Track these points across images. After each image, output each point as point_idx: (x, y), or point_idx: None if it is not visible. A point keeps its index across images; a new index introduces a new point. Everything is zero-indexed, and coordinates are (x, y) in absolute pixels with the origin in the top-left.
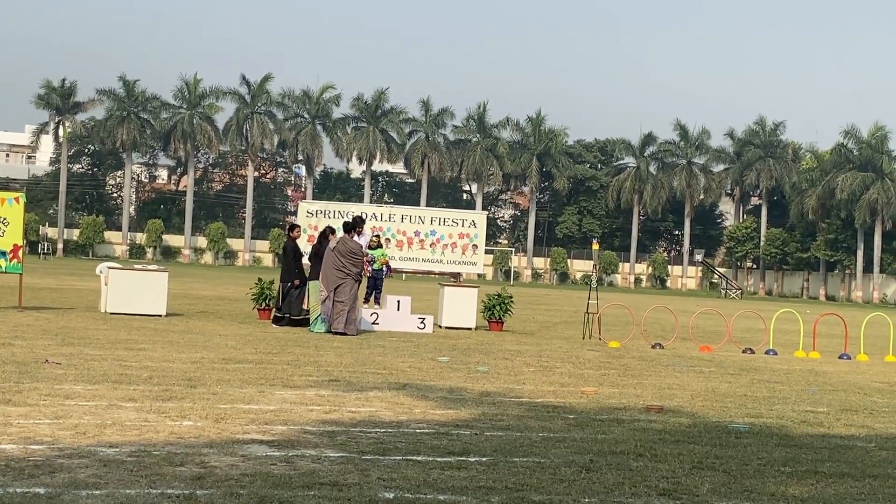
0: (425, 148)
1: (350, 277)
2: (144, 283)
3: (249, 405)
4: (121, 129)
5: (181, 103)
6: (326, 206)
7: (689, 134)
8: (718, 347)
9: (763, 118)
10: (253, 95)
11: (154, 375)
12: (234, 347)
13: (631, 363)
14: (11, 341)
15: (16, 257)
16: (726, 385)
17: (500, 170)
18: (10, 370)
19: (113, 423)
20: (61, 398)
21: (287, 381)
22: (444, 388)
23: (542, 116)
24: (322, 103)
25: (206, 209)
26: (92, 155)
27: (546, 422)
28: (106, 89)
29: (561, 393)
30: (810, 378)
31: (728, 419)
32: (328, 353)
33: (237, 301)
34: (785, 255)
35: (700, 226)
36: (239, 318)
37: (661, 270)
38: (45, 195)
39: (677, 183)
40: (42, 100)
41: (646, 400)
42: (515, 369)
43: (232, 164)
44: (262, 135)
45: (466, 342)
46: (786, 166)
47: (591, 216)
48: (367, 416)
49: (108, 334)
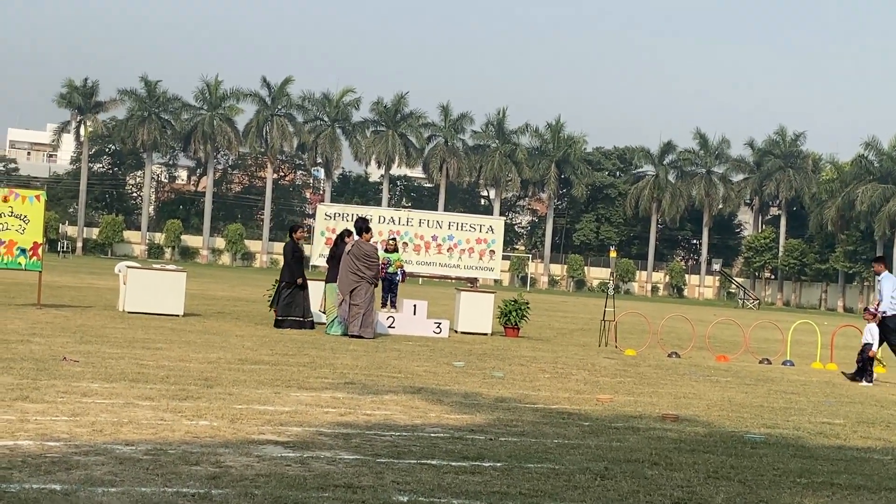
0: (444, 153)
1: (365, 281)
2: (162, 283)
3: (265, 406)
4: (142, 129)
5: (202, 104)
6: (344, 209)
7: (709, 143)
8: (735, 357)
9: (783, 128)
10: (273, 98)
11: (171, 375)
12: (250, 348)
13: (647, 371)
14: (30, 338)
15: (35, 255)
16: (742, 395)
17: (519, 176)
18: (29, 367)
19: (129, 421)
20: (78, 396)
21: (303, 382)
22: (460, 393)
23: (562, 123)
24: (342, 107)
25: (224, 210)
26: (112, 154)
27: (561, 428)
28: (127, 89)
29: (576, 400)
30: (827, 390)
31: (744, 429)
32: (344, 355)
33: (254, 302)
34: (803, 266)
35: (718, 235)
36: (255, 319)
37: (679, 279)
38: (65, 194)
39: (696, 192)
40: (64, 99)
41: (661, 408)
42: (531, 375)
43: (251, 165)
44: (281, 137)
45: (482, 347)
46: (805, 177)
47: (609, 224)
48: (382, 420)
49: (126, 333)
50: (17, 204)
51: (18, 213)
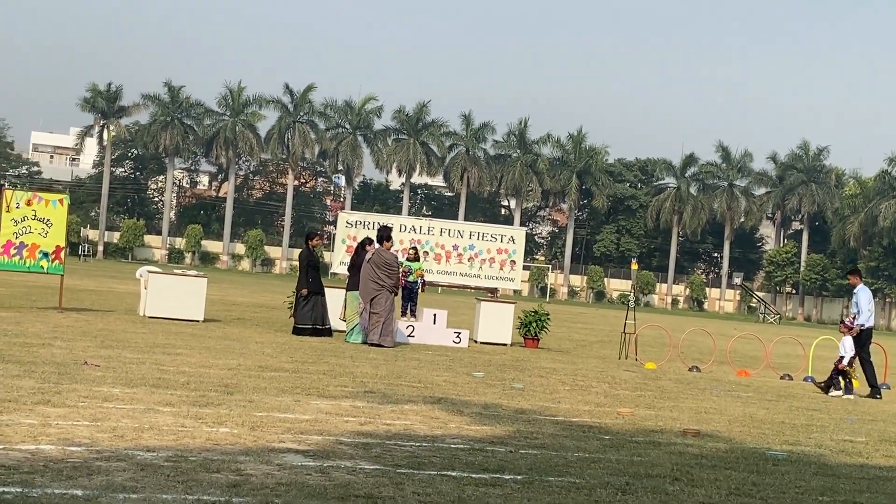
0: (465, 162)
1: (385, 289)
2: (183, 288)
3: (285, 414)
4: (164, 134)
5: (224, 110)
6: (366, 216)
7: (732, 156)
8: (756, 373)
9: (807, 142)
10: (296, 105)
11: (191, 381)
12: (270, 355)
13: (667, 385)
14: (51, 342)
15: (58, 258)
16: (764, 411)
17: (540, 186)
18: (50, 371)
19: (150, 427)
20: (100, 400)
21: (323, 390)
22: (479, 404)
23: (583, 134)
24: (364, 114)
25: (245, 216)
26: (135, 159)
27: (581, 441)
28: (151, 94)
29: (597, 413)
30: (849, 407)
31: (765, 446)
32: (364, 364)
33: (274, 309)
34: (825, 282)
35: (739, 249)
36: (275, 325)
37: (699, 292)
38: (87, 197)
39: (718, 205)
40: (88, 103)
41: (682, 423)
42: (551, 387)
43: (272, 172)
44: (303, 144)
45: (502, 358)
46: (828, 192)
47: (630, 235)
48: (402, 430)
49: (147, 338)
50: (41, 207)
51: (42, 216)
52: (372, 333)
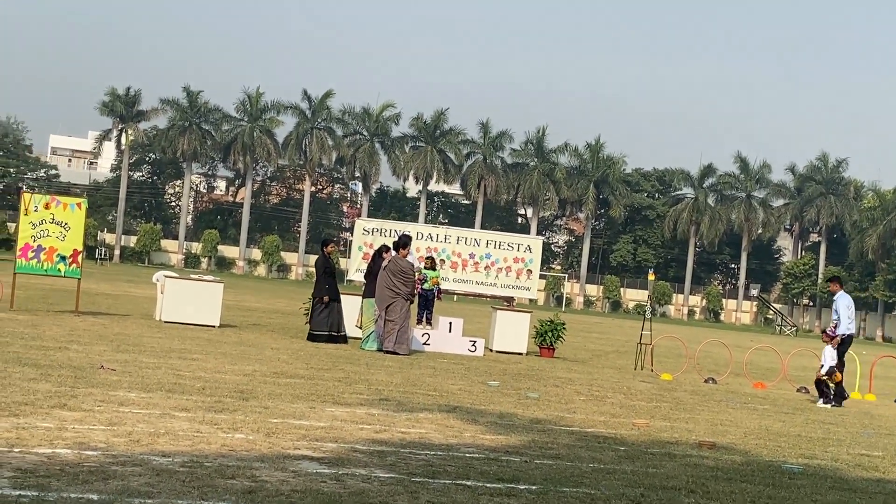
0: (482, 170)
1: (401, 297)
2: (199, 294)
3: (300, 421)
4: (182, 139)
5: (242, 116)
6: (383, 224)
7: (750, 167)
8: (773, 385)
9: (825, 154)
10: (313, 111)
11: (207, 386)
12: (285, 361)
13: (683, 397)
14: (67, 345)
15: (75, 262)
16: (780, 424)
17: (557, 195)
18: (66, 374)
19: (166, 432)
20: (115, 405)
21: (338, 398)
22: (495, 413)
23: (601, 143)
24: (381, 121)
25: (261, 222)
26: (152, 163)
27: (596, 452)
28: (169, 99)
29: (612, 423)
30: (865, 421)
31: (781, 459)
32: (379, 371)
33: (289, 315)
34: None
35: (757, 260)
36: (291, 332)
37: (716, 303)
38: (104, 201)
39: (735, 216)
40: (106, 107)
41: (698, 435)
42: (566, 397)
43: (289, 178)
44: (320, 150)
45: (517, 367)
46: (847, 204)
47: (647, 245)
48: (417, 438)
49: (163, 343)
50: (59, 211)
51: (60, 220)
52: (387, 341)
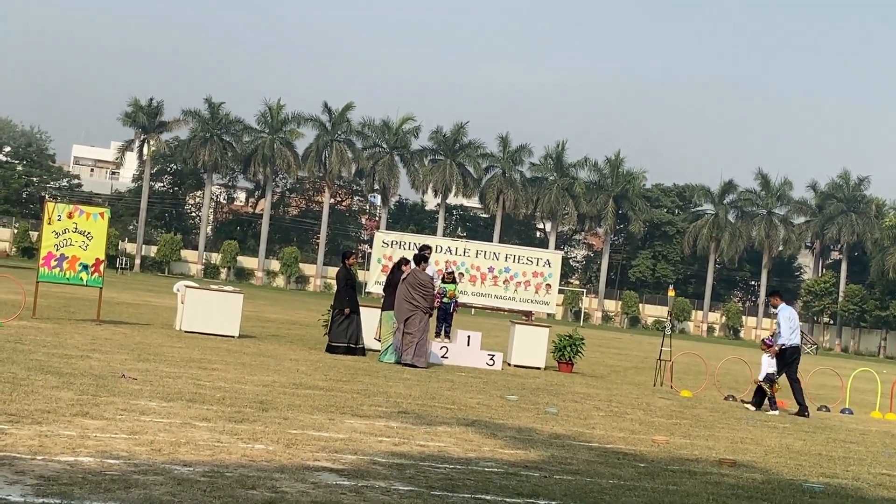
0: (501, 184)
1: (420, 310)
2: (219, 304)
3: (320, 432)
4: (203, 150)
5: (263, 127)
6: (402, 236)
7: (771, 184)
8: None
9: (847, 172)
10: (334, 123)
11: (227, 396)
12: (304, 373)
13: (703, 414)
14: (89, 354)
15: (97, 271)
16: (801, 442)
17: (576, 209)
18: (88, 383)
19: (187, 441)
20: (137, 414)
21: (357, 410)
22: (513, 428)
23: (621, 158)
24: (401, 134)
25: (280, 233)
26: (174, 174)
27: (616, 469)
28: (191, 110)
29: (631, 440)
30: (886, 440)
31: (802, 478)
32: (397, 384)
33: (308, 326)
34: (863, 313)
35: (777, 277)
36: (310, 343)
37: (735, 320)
38: (126, 211)
39: (756, 233)
40: (129, 117)
41: (718, 452)
42: (585, 413)
43: (309, 189)
44: (340, 162)
45: (535, 382)
46: (868, 222)
47: (666, 261)
48: (436, 451)
49: (183, 352)
50: (82, 220)
51: (82, 229)
52: (405, 353)
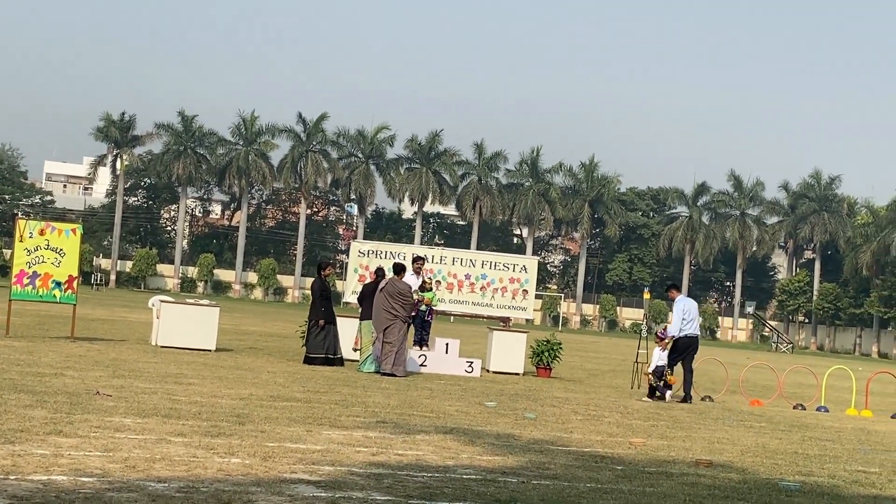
0: (477, 191)
1: (399, 319)
2: (195, 318)
3: (297, 444)
4: (177, 164)
5: (237, 139)
6: (378, 246)
7: (743, 185)
8: (769, 402)
9: (818, 171)
10: (308, 134)
11: (203, 411)
12: (282, 385)
13: (680, 415)
14: (63, 371)
15: (70, 288)
16: (777, 441)
17: (552, 215)
18: (62, 401)
19: (162, 457)
20: (111, 431)
21: (334, 421)
22: (492, 434)
23: (595, 163)
24: (376, 143)
25: (257, 245)
26: (148, 188)
27: (594, 472)
28: (164, 123)
29: (609, 443)
30: (862, 437)
31: (778, 476)
32: (376, 393)
33: (286, 338)
34: (838, 311)
35: (752, 278)
36: (287, 355)
37: (712, 321)
38: (100, 226)
39: (730, 234)
40: (101, 132)
41: (695, 453)
42: (563, 417)
43: (285, 200)
44: (315, 173)
45: (514, 388)
46: (840, 221)
47: (642, 264)
48: (413, 460)
49: (159, 367)
50: (54, 237)
51: (55, 246)
52: (385, 363)
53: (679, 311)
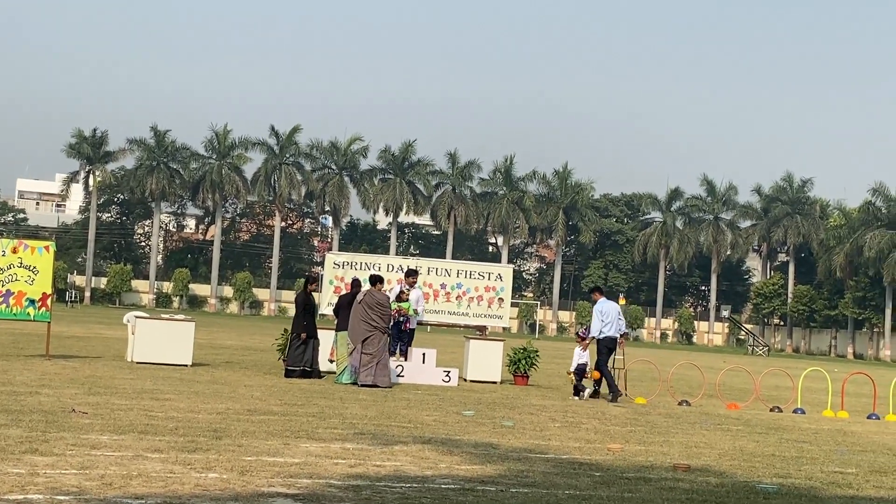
0: (452, 200)
1: (378, 330)
2: (171, 333)
3: (274, 458)
4: (150, 179)
5: (210, 153)
6: (353, 257)
7: (716, 189)
8: (746, 405)
9: (790, 175)
10: (281, 146)
11: (180, 426)
12: (259, 398)
13: (657, 420)
14: (38, 390)
15: (44, 306)
16: (754, 444)
17: (527, 223)
18: (38, 419)
19: (139, 474)
20: (88, 448)
21: (312, 433)
22: (470, 443)
23: (569, 170)
24: (350, 155)
25: (232, 259)
26: (121, 204)
27: (572, 479)
28: (137, 139)
29: (587, 449)
30: (839, 438)
31: (756, 479)
32: (353, 405)
33: (262, 351)
34: (812, 313)
35: (727, 281)
36: (264, 368)
37: (688, 326)
38: (73, 243)
39: (704, 238)
40: (73, 149)
41: (673, 458)
42: (541, 424)
43: (259, 214)
44: (289, 185)
45: (491, 396)
46: (813, 223)
47: (617, 270)
48: (392, 471)
49: (135, 384)
50: (27, 255)
51: (28, 264)
52: (364, 374)
53: (598, 313)
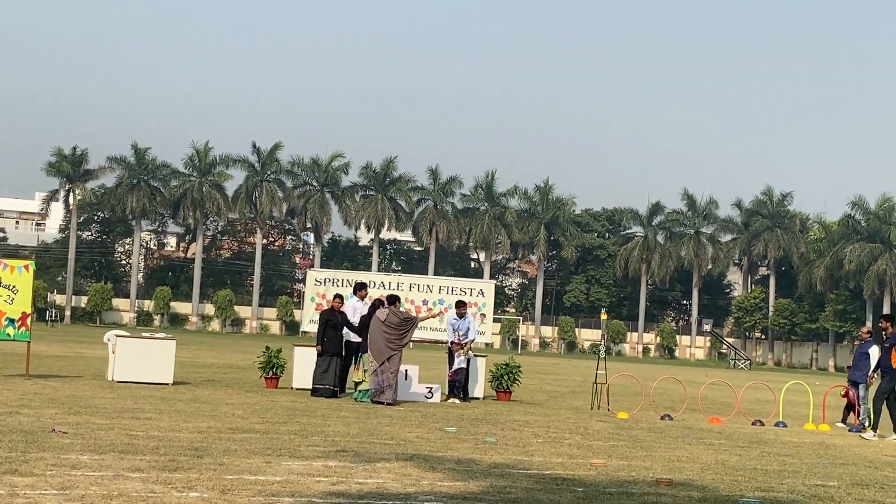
0: (433, 216)
1: (400, 349)
2: (152, 352)
3: (256, 476)
4: (131, 197)
5: (191, 171)
6: (335, 274)
7: (697, 204)
8: (728, 419)
9: (770, 189)
10: (263, 163)
11: (161, 445)
12: (240, 416)
13: (640, 434)
14: (18, 410)
15: (24, 325)
16: (736, 458)
17: (508, 238)
18: (17, 439)
19: (119, 493)
20: (68, 468)
21: (294, 451)
22: (452, 459)
23: (550, 185)
24: (331, 171)
25: (214, 276)
26: (101, 222)
27: (555, 495)
28: (117, 157)
29: (570, 465)
30: (820, 451)
31: (739, 493)
32: (335, 422)
33: (244, 369)
34: (793, 326)
35: (708, 295)
36: (246, 386)
37: (670, 340)
38: (53, 262)
39: (685, 252)
40: (53, 167)
41: (655, 473)
42: (524, 440)
43: (240, 231)
44: (271, 202)
45: (474, 412)
46: (794, 237)
47: (599, 285)
48: (374, 488)
49: (115, 403)
50: (6, 274)
51: (7, 283)
52: (387, 393)
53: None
